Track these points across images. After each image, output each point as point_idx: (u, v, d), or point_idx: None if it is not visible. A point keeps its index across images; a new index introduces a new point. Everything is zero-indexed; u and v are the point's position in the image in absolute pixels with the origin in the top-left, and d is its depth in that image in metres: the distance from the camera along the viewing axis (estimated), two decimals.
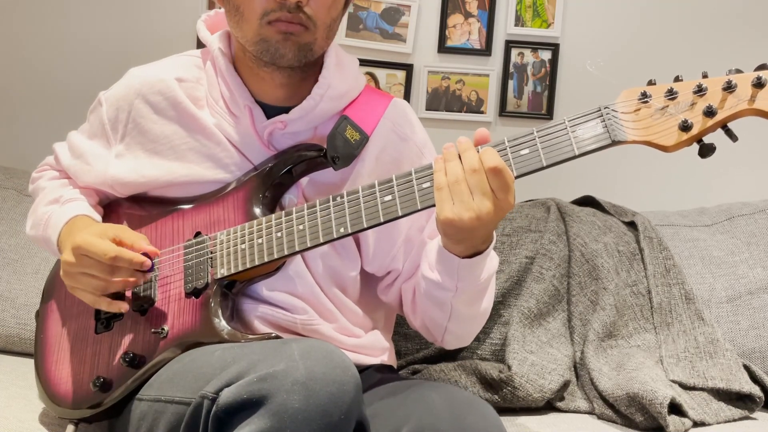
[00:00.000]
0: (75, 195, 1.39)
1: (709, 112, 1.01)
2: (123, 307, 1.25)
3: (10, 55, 2.19)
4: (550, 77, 2.18)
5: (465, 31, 2.17)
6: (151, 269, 1.24)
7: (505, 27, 2.18)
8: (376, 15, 2.16)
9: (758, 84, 0.99)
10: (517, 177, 1.08)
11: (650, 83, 1.06)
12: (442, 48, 2.18)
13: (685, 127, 1.02)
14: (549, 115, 2.19)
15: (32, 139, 2.11)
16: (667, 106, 1.03)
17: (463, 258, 1.17)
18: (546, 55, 2.18)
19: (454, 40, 2.17)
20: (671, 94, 1.03)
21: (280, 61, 1.24)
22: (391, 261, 1.35)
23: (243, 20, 1.24)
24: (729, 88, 1.01)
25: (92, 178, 1.39)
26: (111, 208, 1.42)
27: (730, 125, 1.02)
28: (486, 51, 2.18)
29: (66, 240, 1.28)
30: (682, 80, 1.05)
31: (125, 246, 1.24)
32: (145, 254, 1.23)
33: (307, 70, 1.30)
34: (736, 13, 2.19)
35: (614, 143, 1.05)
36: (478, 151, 1.08)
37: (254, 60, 1.28)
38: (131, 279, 1.23)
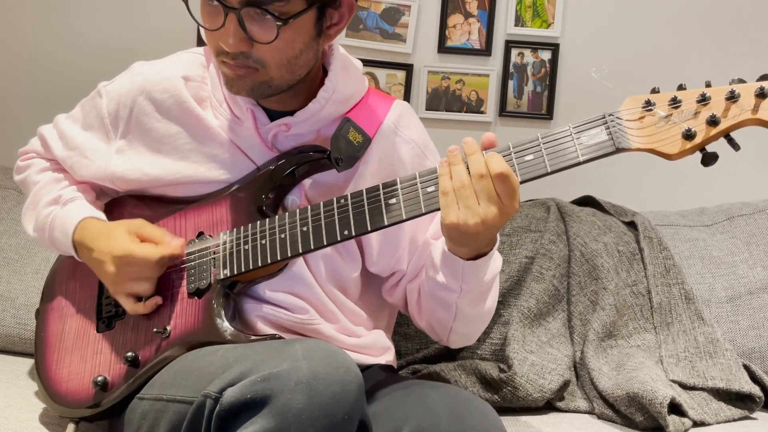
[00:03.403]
0: (73, 194, 1.38)
1: (713, 122, 1.02)
2: (158, 300, 1.28)
3: (10, 55, 2.19)
4: (550, 77, 2.18)
5: (465, 31, 2.17)
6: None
7: (505, 27, 2.17)
8: (376, 15, 2.16)
9: (761, 94, 1.00)
10: (521, 182, 1.09)
11: (654, 91, 1.07)
12: (442, 48, 2.18)
13: (689, 135, 1.02)
14: (549, 115, 2.19)
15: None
16: (671, 114, 1.04)
17: (468, 260, 1.17)
18: (546, 55, 2.18)
19: (454, 40, 2.17)
20: (675, 103, 1.04)
21: (238, 94, 1.25)
22: (396, 262, 1.35)
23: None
24: (732, 97, 1.02)
25: (91, 173, 1.38)
26: (115, 207, 1.41)
27: (732, 134, 1.03)
28: (486, 51, 2.18)
29: (91, 245, 1.29)
30: (685, 88, 1.06)
31: (151, 241, 1.28)
32: None
33: (295, 88, 1.28)
34: (736, 12, 2.20)
35: (618, 150, 1.06)
36: (483, 155, 1.09)
37: None
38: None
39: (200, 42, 2.06)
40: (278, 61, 1.19)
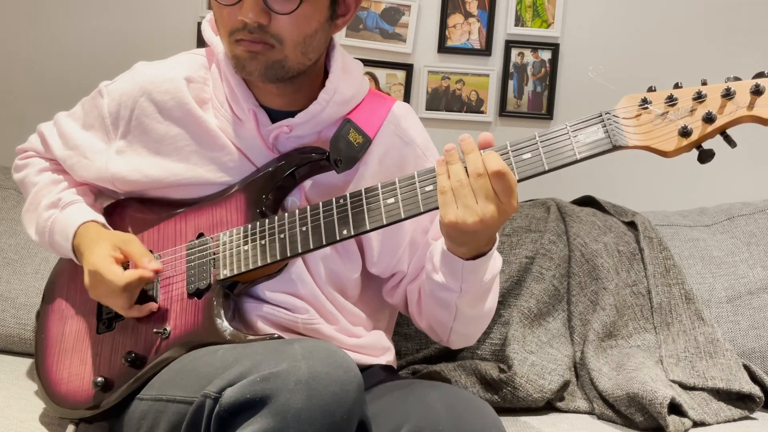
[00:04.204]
0: (73, 197, 1.38)
1: (709, 119, 1.02)
2: (153, 306, 1.28)
3: (10, 55, 2.19)
4: (550, 77, 2.18)
5: (465, 31, 2.17)
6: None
7: (505, 27, 2.17)
8: (376, 15, 2.16)
9: (756, 91, 1.01)
10: (519, 181, 1.09)
11: (650, 89, 1.08)
12: (442, 48, 2.18)
13: (685, 132, 1.03)
14: (549, 115, 2.19)
15: None
16: (667, 112, 1.05)
17: (467, 260, 1.17)
18: (546, 55, 2.18)
19: (454, 40, 2.17)
20: (671, 101, 1.05)
21: (249, 77, 1.24)
22: (396, 263, 1.35)
23: (220, 35, 1.25)
24: (728, 95, 1.03)
25: (91, 174, 1.38)
26: (115, 209, 1.41)
27: (728, 131, 1.04)
28: (486, 51, 2.18)
29: (84, 251, 1.30)
30: (681, 87, 1.06)
31: (130, 260, 1.28)
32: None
33: (300, 80, 1.28)
34: (735, 12, 2.20)
35: (615, 148, 1.06)
36: (480, 154, 1.09)
37: None
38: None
39: (201, 43, 2.06)
40: (295, 38, 1.20)
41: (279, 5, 1.17)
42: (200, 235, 1.30)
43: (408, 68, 2.17)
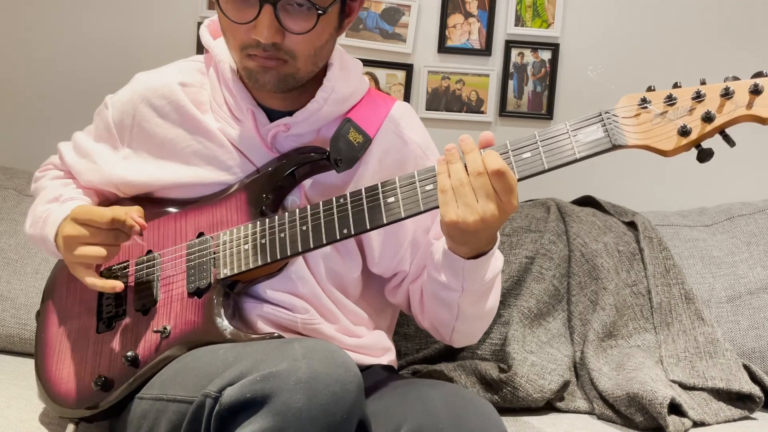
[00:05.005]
0: (76, 194, 1.39)
1: (708, 118, 1.03)
2: (116, 285, 1.25)
3: (11, 55, 2.19)
4: (550, 77, 2.18)
5: (465, 31, 2.17)
6: (140, 234, 1.27)
7: (505, 27, 2.18)
8: (376, 15, 2.16)
9: (755, 91, 1.02)
10: (519, 180, 1.09)
11: (649, 89, 1.08)
12: (442, 48, 2.18)
13: (684, 132, 1.04)
14: (549, 115, 2.19)
15: (32, 139, 2.11)
16: (667, 111, 1.06)
17: (468, 259, 1.18)
18: (546, 55, 2.18)
19: (454, 40, 2.17)
20: (670, 100, 1.06)
21: (262, 89, 1.25)
22: (398, 263, 1.35)
23: (229, 46, 1.26)
24: (727, 94, 1.03)
25: (97, 177, 1.39)
26: None
27: (728, 131, 1.04)
28: (486, 51, 2.18)
29: (63, 229, 1.28)
30: (680, 86, 1.07)
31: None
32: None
33: (304, 84, 1.28)
34: (734, 12, 2.20)
35: (614, 147, 1.07)
36: (481, 153, 1.09)
37: None
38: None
39: (200, 50, 2.06)
40: (307, 51, 1.21)
41: (295, 25, 1.17)
42: (200, 235, 1.31)
43: (408, 68, 2.17)
